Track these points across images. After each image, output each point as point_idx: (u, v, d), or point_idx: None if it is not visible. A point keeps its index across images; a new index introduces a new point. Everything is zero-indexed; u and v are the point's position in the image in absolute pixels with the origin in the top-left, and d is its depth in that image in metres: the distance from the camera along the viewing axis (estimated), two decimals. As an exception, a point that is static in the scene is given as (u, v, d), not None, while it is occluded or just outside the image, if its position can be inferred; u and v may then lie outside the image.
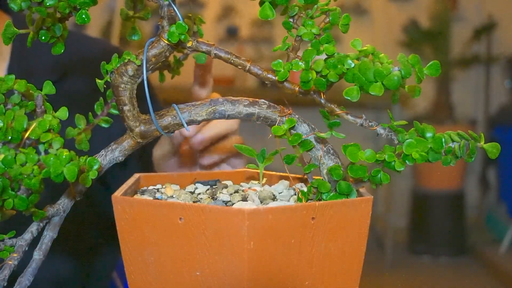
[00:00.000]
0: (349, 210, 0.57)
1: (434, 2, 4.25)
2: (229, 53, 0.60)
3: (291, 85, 0.59)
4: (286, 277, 0.54)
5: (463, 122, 4.21)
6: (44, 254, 0.57)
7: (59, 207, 0.58)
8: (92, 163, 0.53)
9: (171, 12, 0.57)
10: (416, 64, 0.54)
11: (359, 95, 0.54)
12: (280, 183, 0.67)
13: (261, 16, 0.57)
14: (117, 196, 0.58)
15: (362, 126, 0.59)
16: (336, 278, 0.57)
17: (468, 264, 3.90)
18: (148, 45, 0.58)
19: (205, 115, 0.60)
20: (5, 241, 0.56)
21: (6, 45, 0.58)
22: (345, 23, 0.58)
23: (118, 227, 0.58)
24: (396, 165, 0.55)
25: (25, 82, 0.56)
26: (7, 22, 0.57)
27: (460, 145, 0.55)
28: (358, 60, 0.55)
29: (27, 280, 0.54)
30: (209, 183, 0.70)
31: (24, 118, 0.50)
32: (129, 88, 0.59)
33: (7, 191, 0.49)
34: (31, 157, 0.49)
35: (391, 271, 3.80)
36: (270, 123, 0.60)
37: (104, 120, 0.66)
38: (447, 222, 4.06)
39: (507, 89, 4.40)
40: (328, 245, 0.56)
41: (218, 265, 0.53)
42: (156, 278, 0.56)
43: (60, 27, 0.58)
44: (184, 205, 0.54)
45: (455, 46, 4.29)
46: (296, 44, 0.59)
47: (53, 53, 0.59)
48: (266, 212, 0.52)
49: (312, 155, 0.61)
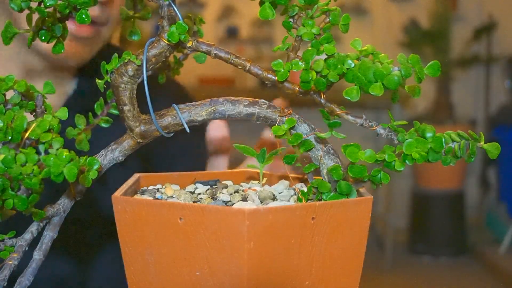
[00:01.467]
0: (349, 210, 0.57)
1: (434, 2, 4.25)
2: (229, 53, 0.60)
3: (291, 85, 0.59)
4: (286, 277, 0.54)
5: (463, 122, 4.21)
6: (44, 254, 0.57)
7: (59, 207, 0.58)
8: (92, 163, 0.53)
9: (171, 12, 0.57)
10: (416, 64, 0.54)
11: (359, 95, 0.54)
12: (280, 183, 0.67)
13: (261, 16, 0.57)
14: (117, 196, 0.58)
15: (362, 126, 0.59)
16: (336, 278, 0.57)
17: (468, 264, 3.90)
18: (148, 45, 0.58)
19: (205, 115, 0.60)
20: (5, 241, 0.56)
21: (6, 45, 0.58)
22: (345, 23, 0.58)
23: (118, 227, 0.58)
24: (396, 165, 0.55)
25: (25, 82, 0.56)
26: (7, 22, 0.57)
27: (460, 145, 0.55)
28: (358, 60, 0.55)
29: (27, 280, 0.54)
30: (209, 183, 0.70)
31: (24, 118, 0.50)
32: (129, 88, 0.59)
33: (7, 191, 0.49)
34: (31, 157, 0.49)
35: (391, 271, 3.80)
36: (270, 123, 0.60)
37: (104, 120, 0.66)
38: (447, 222, 4.06)
39: (507, 89, 4.40)
40: (328, 245, 0.55)
41: (218, 265, 0.53)
42: (156, 278, 0.56)
43: (60, 27, 0.58)
44: (184, 205, 0.54)
45: (455, 46, 4.29)
46: (296, 44, 0.59)
47: (53, 53, 0.59)
48: (266, 212, 0.52)
49: (312, 155, 0.61)
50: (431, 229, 4.05)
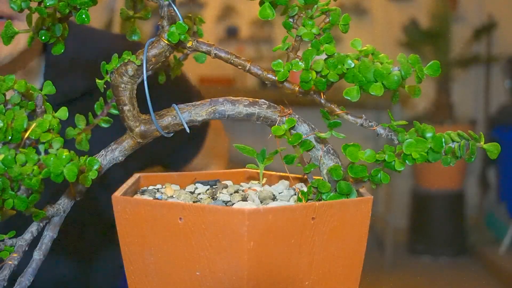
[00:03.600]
0: (349, 210, 0.57)
1: (434, 2, 4.25)
2: (229, 53, 0.60)
3: (291, 85, 0.59)
4: (286, 277, 0.54)
5: (463, 122, 4.21)
6: (44, 254, 0.57)
7: (59, 207, 0.58)
8: (92, 163, 0.53)
9: (171, 12, 0.57)
10: (416, 64, 0.54)
11: (359, 95, 0.54)
12: (280, 183, 0.67)
13: (261, 16, 0.57)
14: (117, 196, 0.58)
15: (362, 126, 0.59)
16: (336, 278, 0.57)
17: (468, 264, 3.90)
18: (148, 45, 0.58)
19: (205, 115, 0.60)
20: (5, 241, 0.56)
21: (6, 45, 0.58)
22: (345, 23, 0.58)
23: (118, 227, 0.58)
24: (396, 165, 0.55)
25: (25, 82, 0.56)
26: (7, 22, 0.57)
27: (460, 145, 0.55)
28: (358, 60, 0.55)
29: (27, 280, 0.54)
30: (209, 183, 0.70)
31: (24, 118, 0.50)
32: (129, 88, 0.59)
33: (7, 191, 0.49)
34: (31, 157, 0.49)
35: (391, 271, 3.80)
36: (270, 123, 0.60)
37: (104, 120, 0.66)
38: (447, 222, 4.06)
39: (507, 89, 4.40)
40: (328, 245, 0.55)
41: (218, 265, 0.53)
42: (156, 278, 0.56)
43: (60, 27, 0.58)
44: (184, 205, 0.54)
45: (455, 46, 4.29)
46: (296, 44, 0.59)
47: (53, 53, 0.59)
48: (266, 212, 0.52)
49: (312, 155, 0.61)
50: (431, 229, 4.04)
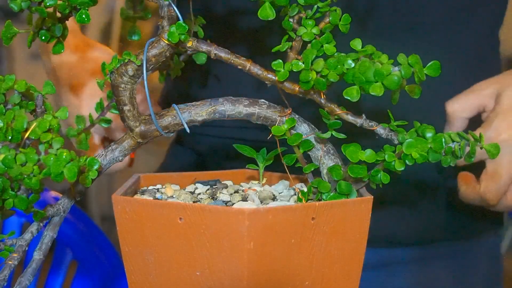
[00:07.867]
0: (349, 210, 0.57)
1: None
2: (229, 53, 0.60)
3: (291, 85, 0.59)
4: (286, 277, 0.54)
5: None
6: (44, 254, 0.57)
7: (59, 207, 0.58)
8: (92, 163, 0.53)
9: (171, 12, 0.57)
10: (416, 64, 0.54)
11: (359, 95, 0.54)
12: (280, 183, 0.67)
13: (261, 16, 0.57)
14: (117, 196, 0.58)
15: (362, 126, 0.59)
16: (336, 278, 0.57)
17: (468, 264, 3.89)
18: (148, 45, 0.58)
19: (205, 115, 0.60)
20: (5, 241, 0.56)
21: (6, 45, 0.58)
22: (345, 23, 0.58)
23: (118, 227, 0.58)
24: (396, 165, 0.55)
25: (25, 82, 0.56)
26: (7, 22, 0.57)
27: (460, 145, 0.55)
28: (358, 60, 0.55)
29: (27, 280, 0.54)
30: (209, 183, 0.70)
31: (24, 118, 0.50)
32: (129, 88, 0.59)
33: (7, 191, 0.49)
34: (31, 157, 0.49)
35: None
36: (270, 123, 0.60)
37: (104, 120, 0.66)
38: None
39: (507, 89, 4.39)
40: (328, 245, 0.55)
41: (218, 265, 0.53)
42: (156, 278, 0.56)
43: (60, 27, 0.58)
44: (184, 205, 0.54)
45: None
46: (296, 44, 0.59)
47: (53, 53, 0.59)
48: (266, 212, 0.52)
49: (312, 155, 0.61)
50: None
